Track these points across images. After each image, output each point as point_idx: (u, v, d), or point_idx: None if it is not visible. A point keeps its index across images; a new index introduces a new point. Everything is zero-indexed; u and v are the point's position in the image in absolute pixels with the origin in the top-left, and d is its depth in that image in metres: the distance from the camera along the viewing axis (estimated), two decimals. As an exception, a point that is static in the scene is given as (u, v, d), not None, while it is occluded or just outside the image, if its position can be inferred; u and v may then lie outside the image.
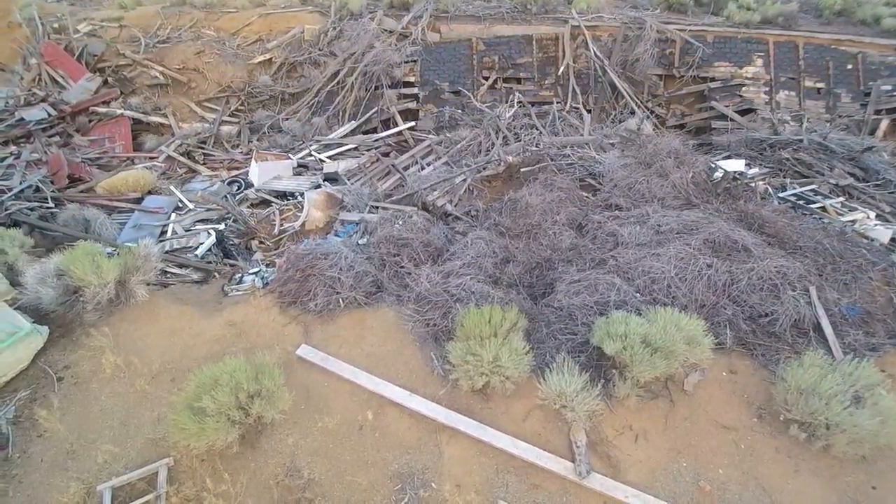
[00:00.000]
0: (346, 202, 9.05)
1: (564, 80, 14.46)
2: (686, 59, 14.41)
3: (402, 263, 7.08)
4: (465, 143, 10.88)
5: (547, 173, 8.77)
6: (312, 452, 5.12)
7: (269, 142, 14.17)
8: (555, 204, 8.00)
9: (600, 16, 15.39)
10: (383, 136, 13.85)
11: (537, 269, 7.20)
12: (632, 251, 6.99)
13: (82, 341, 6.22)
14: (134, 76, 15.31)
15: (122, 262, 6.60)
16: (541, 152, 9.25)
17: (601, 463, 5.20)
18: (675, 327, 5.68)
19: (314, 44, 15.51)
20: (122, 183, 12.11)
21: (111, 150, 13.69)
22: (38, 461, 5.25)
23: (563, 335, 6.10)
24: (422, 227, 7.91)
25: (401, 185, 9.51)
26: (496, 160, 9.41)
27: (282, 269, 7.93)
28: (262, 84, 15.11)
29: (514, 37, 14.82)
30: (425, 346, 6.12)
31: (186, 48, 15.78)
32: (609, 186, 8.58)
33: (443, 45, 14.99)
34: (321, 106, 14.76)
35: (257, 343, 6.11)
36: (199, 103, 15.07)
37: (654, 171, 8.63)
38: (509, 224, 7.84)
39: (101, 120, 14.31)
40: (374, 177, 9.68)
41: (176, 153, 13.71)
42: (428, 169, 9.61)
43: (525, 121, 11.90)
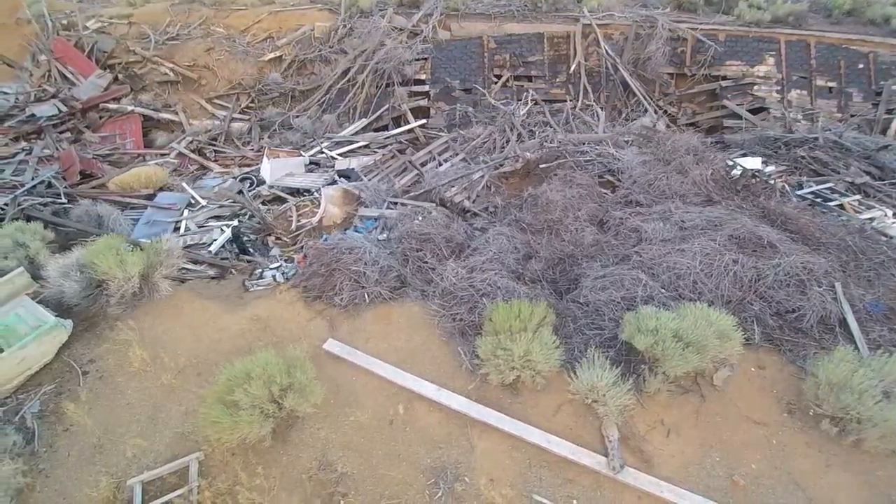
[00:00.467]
0: (363, 198, 9.00)
1: (576, 78, 14.44)
2: (698, 57, 14.39)
3: (425, 259, 7.04)
4: (481, 140, 10.84)
5: (566, 170, 8.73)
6: (343, 446, 5.08)
7: (280, 139, 14.13)
8: (575, 200, 7.96)
9: (611, 14, 15.36)
10: (394, 134, 13.82)
11: (560, 265, 7.16)
12: (656, 247, 6.95)
13: (107, 335, 6.17)
14: (144, 73, 15.27)
15: (146, 257, 6.55)
16: (559, 149, 9.21)
17: (634, 457, 5.16)
18: (706, 322, 5.65)
19: (325, 41, 15.48)
20: (135, 179, 12.06)
21: (122, 146, 13.65)
22: (65, 455, 5.20)
23: (590, 330, 6.06)
24: (442, 222, 7.87)
25: (418, 182, 9.47)
26: (513, 157, 9.38)
27: (304, 264, 7.90)
28: (272, 81, 15.08)
29: (524, 35, 14.79)
30: (452, 340, 6.08)
31: (196, 45, 15.74)
32: (628, 183, 8.55)
33: (453, 43, 14.97)
34: (332, 103, 14.73)
35: (283, 338, 6.07)
36: (209, 100, 15.03)
37: (673, 168, 8.59)
38: (530, 220, 7.81)
39: (112, 116, 14.26)
40: (391, 173, 9.64)
41: (187, 150, 13.67)
42: (445, 165, 9.57)
43: (539, 118, 11.87)
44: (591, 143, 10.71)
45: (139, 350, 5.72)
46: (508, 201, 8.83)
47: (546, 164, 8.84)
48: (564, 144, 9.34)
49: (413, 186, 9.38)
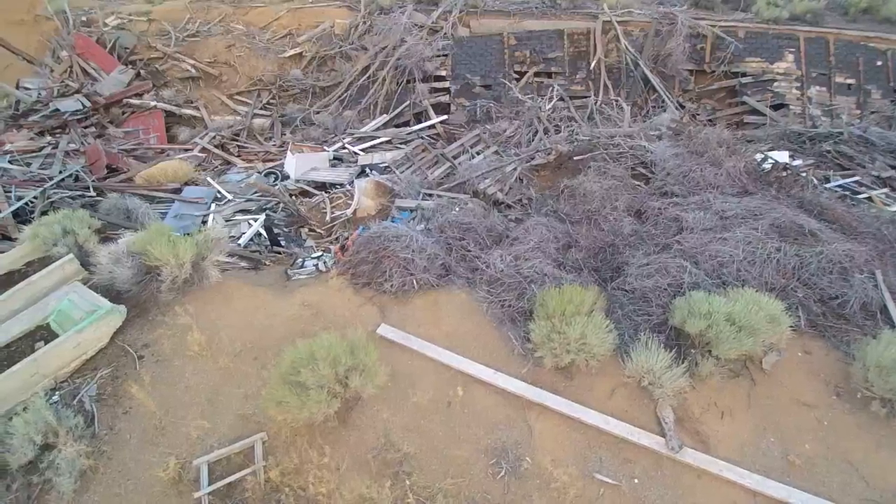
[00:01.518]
0: (397, 190, 9.08)
1: (596, 74, 14.52)
2: (717, 54, 14.48)
3: (468, 247, 7.11)
4: (509, 135, 10.92)
5: (599, 162, 8.81)
6: (405, 428, 5.15)
7: (302, 135, 14.21)
8: (612, 191, 8.04)
9: (630, 11, 15.46)
10: (416, 130, 13.89)
11: (601, 254, 7.24)
12: (697, 236, 7.03)
13: (160, 320, 6.24)
14: (165, 69, 15.35)
15: (196, 243, 6.62)
16: (591, 142, 9.29)
17: (690, 439, 5.24)
18: (756, 306, 5.73)
19: (345, 38, 15.56)
20: (161, 173, 12.13)
21: (146, 141, 13.73)
22: (127, 438, 5.27)
23: (638, 316, 6.14)
24: (480, 213, 7.95)
25: (451, 174, 9.55)
26: (546, 149, 9.46)
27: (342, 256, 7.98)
28: (293, 78, 15.16)
29: (544, 31, 14.88)
30: (502, 326, 6.15)
31: (217, 42, 15.82)
32: (662, 175, 8.62)
33: (474, 40, 15.05)
34: (352, 99, 14.81)
35: (335, 323, 6.14)
36: (230, 96, 15.11)
37: (706, 160, 8.67)
38: (569, 210, 7.89)
39: (135, 112, 14.33)
40: (424, 165, 9.71)
41: (210, 145, 13.74)
42: (478, 158, 9.64)
43: (563, 113, 11.95)
44: (618, 135, 10.80)
45: (197, 334, 5.78)
46: (542, 193, 8.90)
47: (580, 156, 8.92)
48: (595, 137, 9.42)
49: (446, 179, 9.46)
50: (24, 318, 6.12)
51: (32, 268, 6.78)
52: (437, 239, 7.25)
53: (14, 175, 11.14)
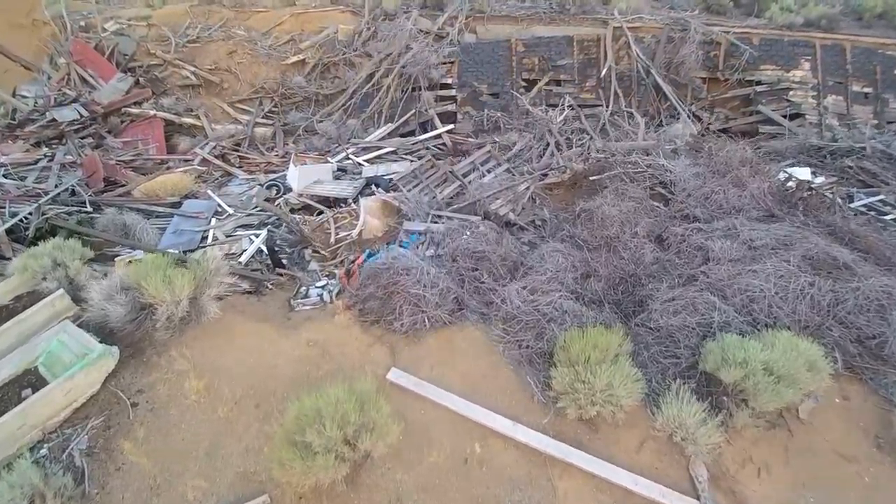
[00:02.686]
0: (404, 210, 8.66)
1: (606, 82, 14.06)
2: (731, 61, 14.01)
3: (481, 279, 6.69)
4: (520, 148, 10.48)
5: (616, 182, 8.38)
6: (419, 488, 4.74)
7: (305, 144, 13.78)
8: (631, 215, 7.61)
9: (640, 16, 14.98)
10: (422, 140, 13.46)
11: (622, 285, 6.82)
12: (724, 267, 6.60)
13: (155, 362, 5.83)
14: (165, 76, 14.90)
15: (194, 277, 6.20)
16: (607, 160, 8.86)
17: (726, 499, 4.83)
18: (795, 352, 5.31)
19: (348, 44, 15.10)
20: (160, 187, 11.72)
21: (145, 151, 13.29)
22: (120, 498, 4.86)
23: (665, 359, 5.72)
24: (493, 238, 7.52)
25: (460, 193, 9.11)
26: (560, 167, 9.03)
27: (347, 282, 7.57)
28: (295, 85, 14.71)
29: (553, 38, 14.42)
30: (520, 369, 5.74)
31: (218, 48, 15.37)
32: (682, 196, 8.19)
33: (480, 46, 14.60)
34: (356, 108, 14.37)
35: (343, 365, 5.73)
36: (231, 104, 14.67)
37: (729, 181, 8.24)
38: (586, 236, 7.46)
39: (134, 121, 13.90)
40: (432, 183, 9.27)
41: (211, 155, 13.31)
42: (489, 177, 9.20)
43: (575, 125, 11.50)
44: (635, 151, 10.37)
45: (194, 380, 5.37)
46: (556, 214, 8.48)
47: (596, 175, 8.48)
48: (611, 154, 8.98)
49: (455, 198, 9.02)
50: (11, 361, 5.70)
51: (21, 303, 6.36)
52: (448, 269, 6.82)
53: (8, 189, 10.70)
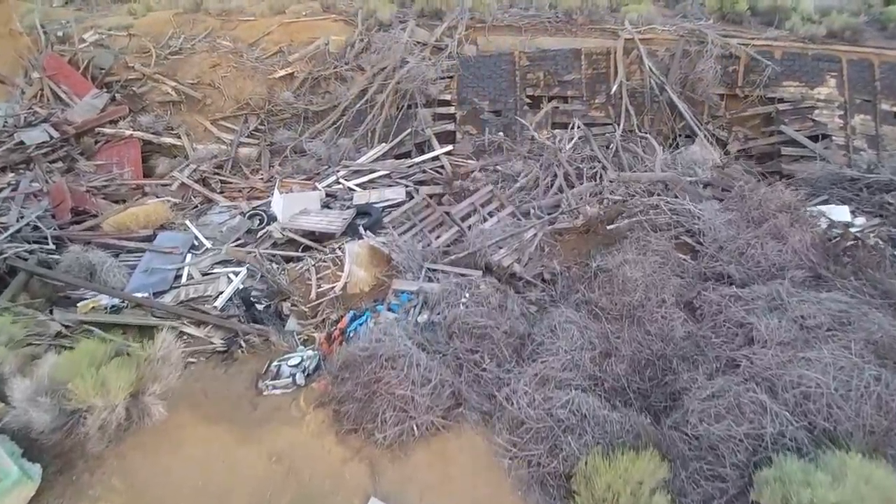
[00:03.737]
0: (395, 260, 7.51)
1: (617, 99, 12.85)
2: (751, 76, 12.78)
3: (482, 363, 5.55)
4: (524, 180, 9.31)
5: (637, 230, 7.22)
6: None
7: (292, 166, 12.60)
8: (657, 277, 6.45)
9: (653, 27, 13.74)
10: (418, 162, 12.28)
11: (649, 369, 5.68)
12: (772, 352, 5.44)
13: (86, 481, 4.71)
14: (144, 92, 13.71)
15: (135, 369, 5.06)
16: (625, 202, 7.70)
17: None
18: (869, 485, 4.17)
19: (340, 57, 13.89)
20: (132, 219, 10.58)
21: (119, 176, 12.12)
22: None
23: (707, 482, 4.58)
24: (496, 301, 6.38)
25: (459, 240, 7.96)
26: (571, 209, 7.87)
27: (328, 349, 6.46)
28: (283, 101, 13.51)
29: (560, 51, 13.19)
30: (530, 494, 4.60)
31: (201, 60, 14.16)
32: (713, 248, 7.03)
33: (481, 60, 13.38)
34: (348, 126, 13.17)
35: (311, 489, 4.60)
36: (214, 122, 13.47)
37: (766, 231, 7.07)
38: (605, 303, 6.29)
39: (109, 141, 12.73)
40: (427, 227, 8.11)
41: (190, 180, 12.15)
42: (491, 221, 8.03)
43: (586, 152, 10.31)
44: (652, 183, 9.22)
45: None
46: (568, 267, 7.32)
47: (613, 224, 7.32)
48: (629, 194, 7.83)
49: (453, 245, 7.87)
50: None
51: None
52: (443, 348, 5.67)
53: (-39, 226, 9.57)
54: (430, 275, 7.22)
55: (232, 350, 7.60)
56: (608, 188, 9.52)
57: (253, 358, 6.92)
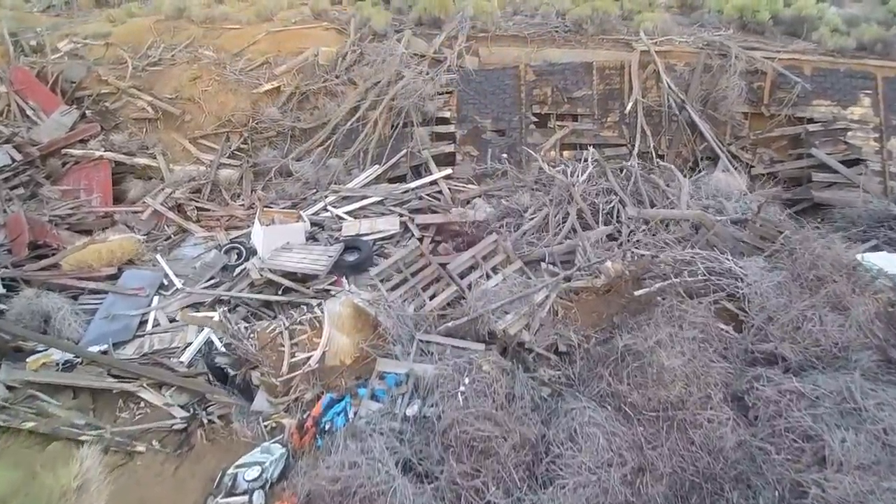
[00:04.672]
0: (382, 324, 6.25)
1: (632, 118, 11.54)
2: (778, 94, 11.45)
3: (486, 494, 4.28)
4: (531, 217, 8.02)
5: (669, 295, 5.94)
6: None
7: (277, 191, 11.32)
8: (698, 362, 5.17)
9: (669, 38, 12.41)
10: (414, 188, 11.01)
11: (695, 495, 4.41)
12: (849, 479, 4.17)
13: None
14: (118, 108, 12.40)
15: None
16: (653, 258, 6.42)
17: None
18: None
19: (330, 69, 12.57)
20: (94, 257, 9.33)
21: (87, 202, 10.84)
22: None
23: None
24: (501, 391, 5.13)
25: (458, 300, 6.68)
26: (589, 264, 6.58)
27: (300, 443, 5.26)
28: (268, 118, 12.18)
29: (569, 64, 11.87)
30: None
31: (181, 72, 12.86)
32: (761, 319, 5.75)
33: (484, 73, 12.06)
34: (339, 145, 11.87)
35: None
36: (193, 140, 12.17)
37: (823, 299, 5.79)
38: (637, 399, 5.02)
39: (78, 162, 11.44)
40: (420, 283, 6.83)
41: (164, 206, 10.87)
42: (496, 279, 6.72)
43: (602, 184, 9.01)
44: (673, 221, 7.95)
45: None
46: (586, 336, 6.05)
47: (641, 290, 6.04)
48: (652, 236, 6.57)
49: (451, 307, 6.59)
50: None
51: None
52: (436, 472, 4.41)
53: None
54: (422, 347, 5.95)
55: (191, 430, 6.41)
56: (627, 226, 8.27)
57: (211, 450, 5.70)
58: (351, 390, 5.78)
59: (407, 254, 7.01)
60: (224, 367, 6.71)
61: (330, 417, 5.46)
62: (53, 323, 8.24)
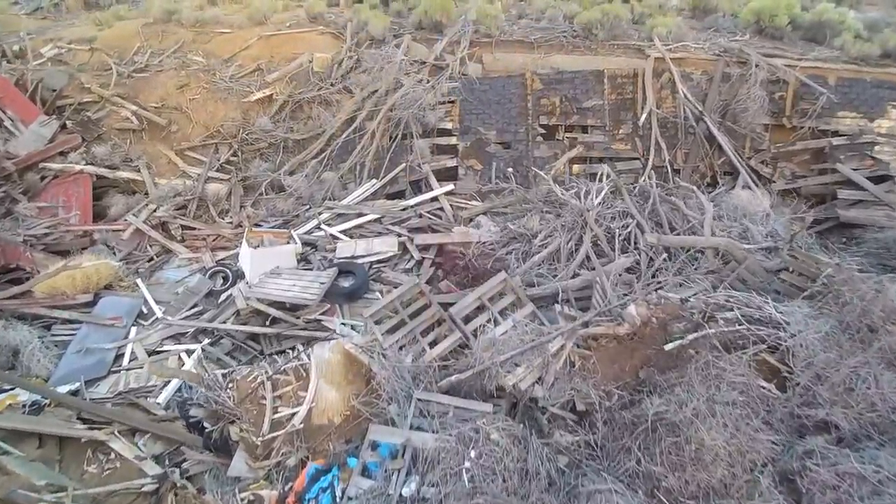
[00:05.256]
0: (377, 376, 5.46)
1: (645, 130, 10.72)
2: (802, 105, 10.62)
3: None
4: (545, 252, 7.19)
5: (703, 349, 5.14)
6: None
7: (267, 207, 10.53)
8: (743, 436, 4.38)
9: (685, 44, 11.57)
10: (413, 205, 10.22)
11: None
12: None
13: None
14: (101, 117, 11.57)
15: None
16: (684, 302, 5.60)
17: None
18: None
19: (325, 77, 11.73)
20: (68, 283, 8.54)
21: (65, 221, 10.04)
22: None
23: None
24: (512, 465, 4.34)
25: (462, 349, 5.87)
26: (611, 308, 5.77)
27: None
28: (259, 128, 11.35)
29: (579, 73, 11.03)
30: None
31: (168, 80, 12.03)
32: (807, 377, 4.95)
33: (488, 82, 11.23)
34: (334, 157, 11.06)
35: None
36: (180, 153, 11.35)
37: (877, 354, 4.99)
38: (672, 482, 4.22)
39: (57, 177, 10.63)
40: (419, 327, 6.01)
41: (147, 224, 10.08)
42: (505, 325, 5.88)
43: (618, 206, 8.18)
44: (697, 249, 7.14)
45: None
46: (606, 391, 5.25)
47: (670, 334, 5.24)
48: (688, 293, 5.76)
49: (454, 355, 5.79)
50: None
51: None
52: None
53: None
54: (420, 407, 5.15)
55: (161, 493, 5.65)
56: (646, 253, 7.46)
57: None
58: (339, 458, 4.98)
59: (405, 292, 6.18)
60: (199, 419, 5.92)
61: (315, 494, 4.68)
62: (22, 358, 7.53)
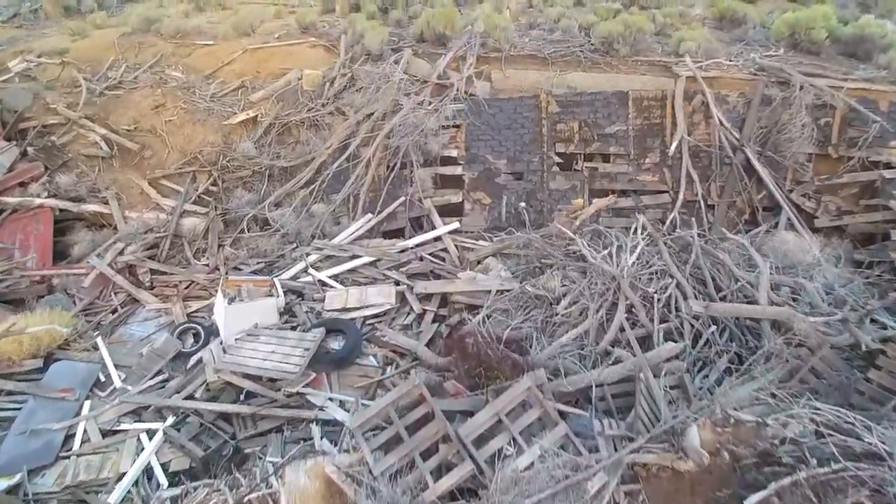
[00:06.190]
0: None
1: (675, 159, 9.30)
2: (849, 133, 9.20)
3: None
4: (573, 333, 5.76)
5: (794, 496, 3.77)
6: None
7: (248, 248, 9.13)
8: None
9: (717, 61, 10.13)
10: (413, 246, 8.83)
11: None
12: None
13: None
14: (67, 142, 10.17)
15: None
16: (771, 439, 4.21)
17: None
18: None
19: (316, 96, 10.30)
20: (14, 348, 7.18)
21: (21, 264, 8.67)
22: None
23: None
24: None
25: (474, 481, 4.45)
26: (664, 434, 4.37)
27: None
28: (242, 154, 9.92)
29: (600, 94, 9.61)
30: None
31: (142, 98, 10.63)
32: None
33: (497, 103, 9.81)
34: (325, 188, 9.66)
35: None
36: (153, 181, 9.94)
37: None
38: None
39: (15, 211, 9.25)
40: (419, 447, 4.58)
41: (112, 268, 8.70)
42: (530, 452, 4.42)
43: (655, 265, 6.76)
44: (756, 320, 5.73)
45: None
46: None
47: (742, 466, 3.86)
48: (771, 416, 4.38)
49: (464, 493, 4.39)
50: None
51: None
52: None
53: None
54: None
55: None
56: (689, 323, 6.06)
57: None
58: None
59: (402, 395, 4.79)
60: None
61: None
62: (-44, 442, 6.24)
